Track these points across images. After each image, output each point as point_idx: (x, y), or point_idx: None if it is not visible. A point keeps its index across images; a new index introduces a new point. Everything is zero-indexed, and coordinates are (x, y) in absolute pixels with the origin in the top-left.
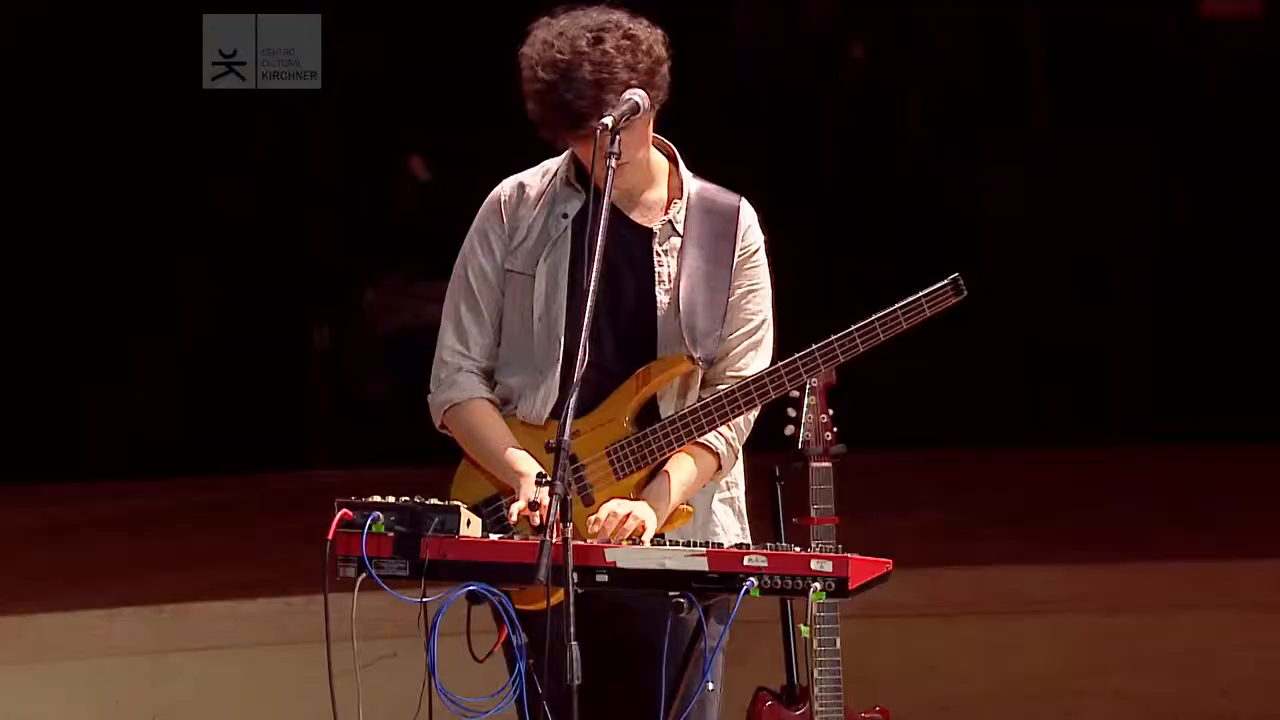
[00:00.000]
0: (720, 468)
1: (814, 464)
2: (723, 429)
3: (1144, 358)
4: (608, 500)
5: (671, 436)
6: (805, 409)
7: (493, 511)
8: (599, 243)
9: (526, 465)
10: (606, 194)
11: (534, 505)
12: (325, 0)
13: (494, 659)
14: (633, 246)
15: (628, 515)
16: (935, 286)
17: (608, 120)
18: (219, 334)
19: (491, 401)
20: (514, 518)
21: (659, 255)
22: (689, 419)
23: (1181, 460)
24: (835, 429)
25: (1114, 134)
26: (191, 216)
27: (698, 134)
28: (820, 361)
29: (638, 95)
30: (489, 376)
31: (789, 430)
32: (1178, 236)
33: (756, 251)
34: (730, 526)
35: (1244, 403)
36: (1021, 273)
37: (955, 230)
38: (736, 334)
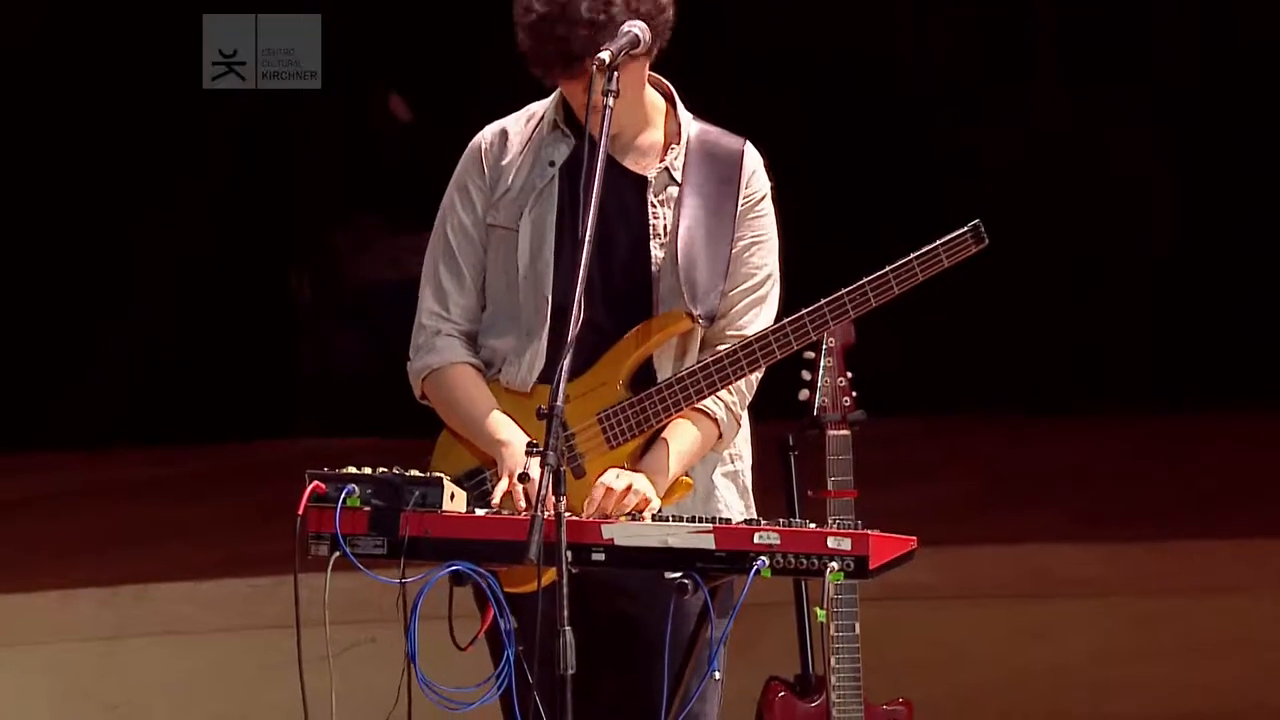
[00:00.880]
0: (720, 435)
1: (830, 432)
2: (722, 393)
3: (1178, 316)
4: (600, 472)
5: (669, 401)
6: (821, 371)
7: (475, 485)
8: (595, 191)
9: (510, 433)
10: (604, 136)
11: (523, 478)
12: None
13: (479, 646)
14: (626, 195)
15: (628, 489)
16: (954, 235)
17: (604, 55)
18: (187, 286)
19: (474, 367)
20: (498, 496)
21: (654, 205)
22: (687, 382)
23: (1234, 428)
24: (854, 393)
25: (1119, 87)
26: (155, 162)
27: (697, 90)
28: (829, 317)
29: (637, 27)
30: (472, 340)
31: (803, 395)
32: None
33: (762, 199)
34: (734, 504)
35: None
36: (1045, 225)
37: (965, 187)
38: (739, 289)
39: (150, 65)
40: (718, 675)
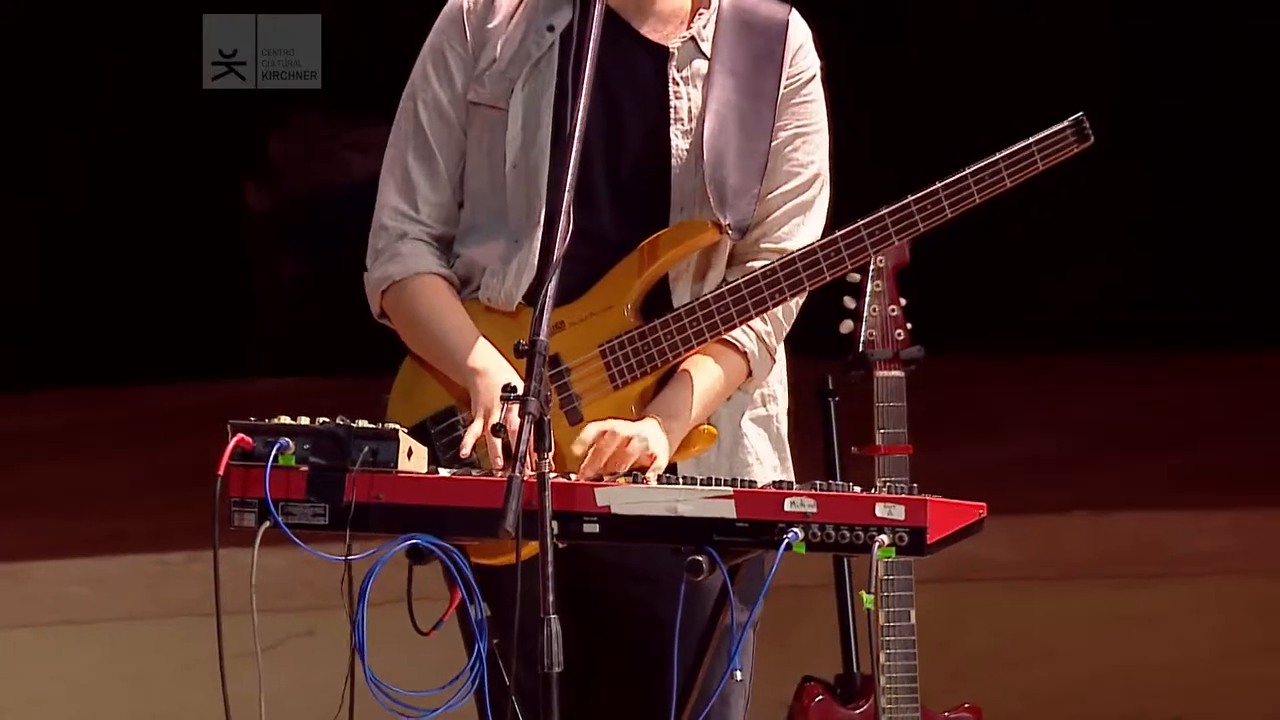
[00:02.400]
0: (751, 374)
1: (880, 373)
2: (755, 322)
3: None
4: (602, 419)
5: (689, 331)
6: (868, 298)
7: (446, 430)
8: (590, 54)
9: (488, 359)
10: None
11: (496, 430)
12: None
13: (446, 633)
14: (642, 71)
15: (629, 439)
16: (1051, 131)
17: None
18: (107, 199)
19: (447, 280)
20: (468, 446)
21: (677, 83)
22: (712, 308)
23: None
24: (908, 325)
25: None
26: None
27: None
28: (892, 230)
29: None
30: (445, 247)
31: (846, 327)
32: None
33: (810, 81)
34: (766, 456)
35: None
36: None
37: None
38: (779, 192)
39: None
40: (739, 675)
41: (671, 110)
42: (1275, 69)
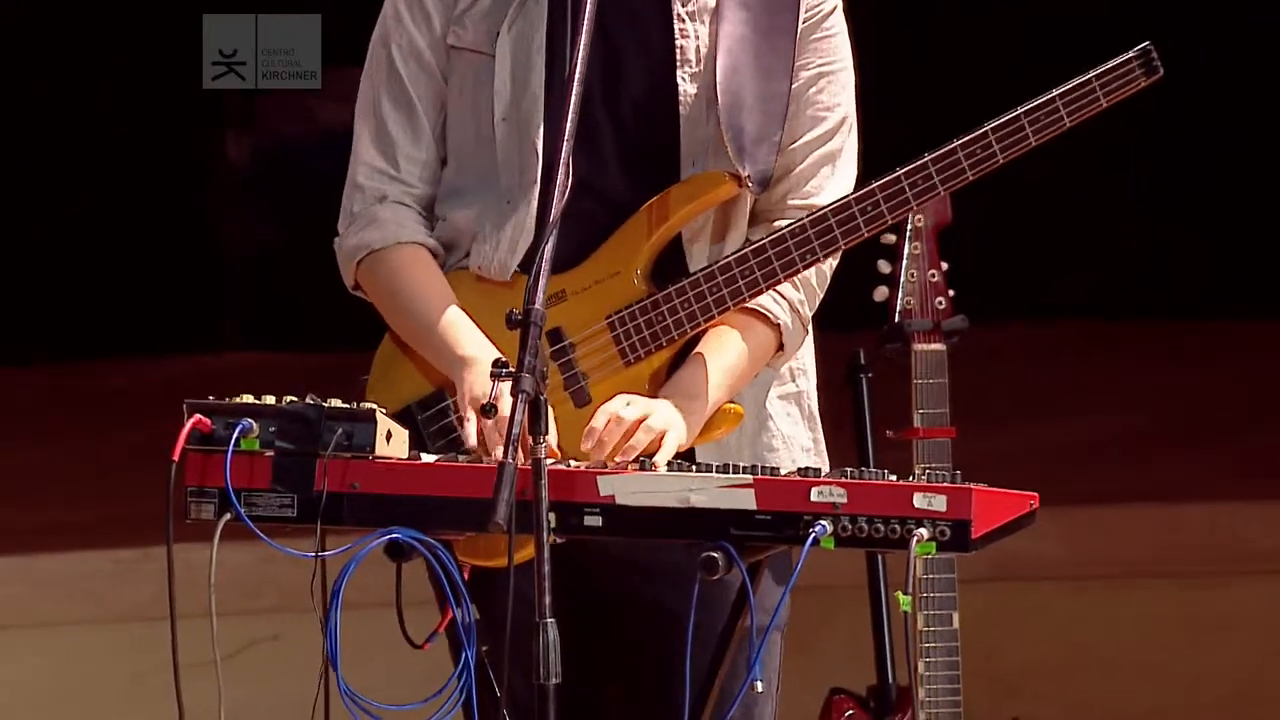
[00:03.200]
0: (782, 348)
1: (918, 345)
2: (785, 288)
3: None
4: (611, 399)
5: (709, 298)
6: (905, 261)
7: (436, 417)
8: None
9: (476, 347)
10: None
11: (487, 410)
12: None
13: (436, 640)
14: (642, 6)
15: (638, 422)
16: (1114, 62)
17: None
18: (47, 156)
19: (432, 251)
20: (470, 437)
21: (682, 20)
22: (734, 272)
23: None
24: (951, 291)
25: None
26: None
27: None
28: (937, 179)
29: None
30: (428, 211)
31: (880, 294)
32: None
33: (832, 13)
34: (796, 437)
35: None
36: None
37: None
38: (804, 140)
39: None
40: (760, 686)
41: (677, 50)
42: None
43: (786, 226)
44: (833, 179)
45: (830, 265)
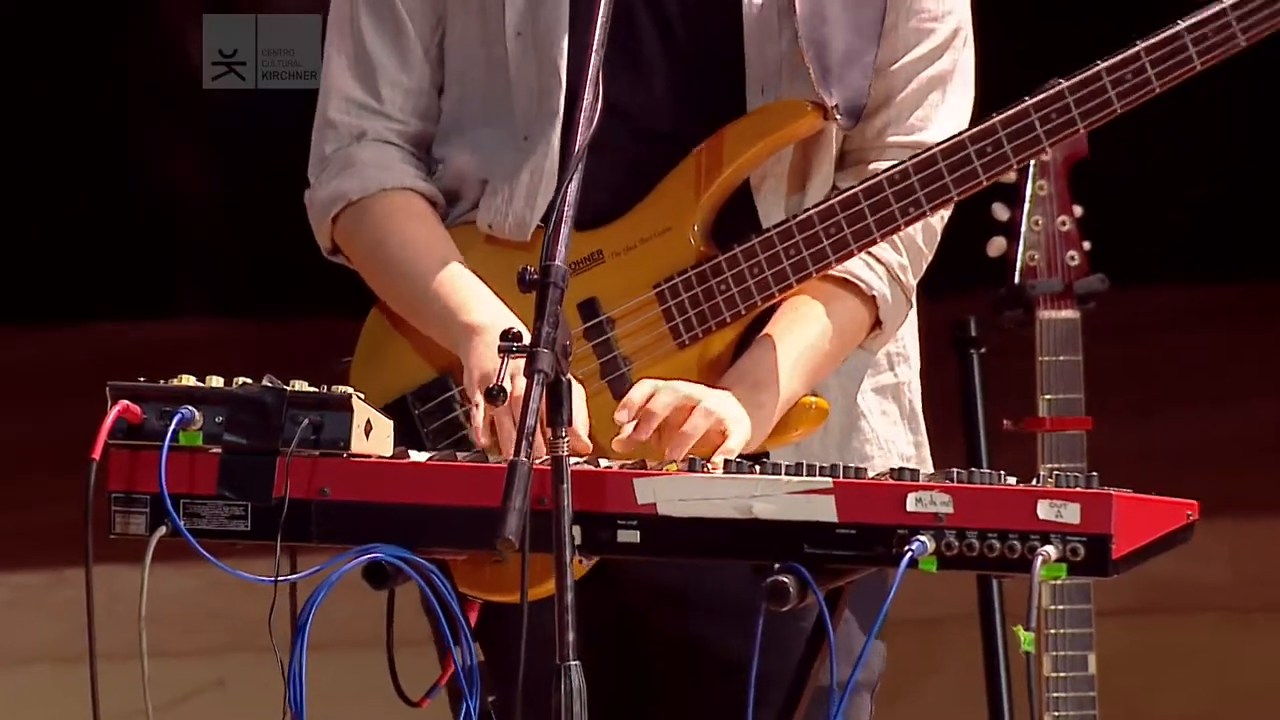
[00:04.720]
0: (879, 325)
1: (1045, 313)
2: (883, 249)
3: None
4: None
5: (785, 263)
6: (1028, 205)
7: (438, 411)
8: None
9: (485, 310)
10: None
11: (493, 394)
12: None
13: (425, 685)
14: None
15: (691, 409)
16: None
17: None
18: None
19: (427, 198)
20: (483, 432)
21: None
22: (817, 229)
23: None
24: (1086, 245)
25: None
26: None
27: None
28: (1076, 112)
29: None
30: (423, 150)
31: (996, 247)
32: None
33: None
34: (895, 440)
35: None
36: None
37: None
38: (906, 60)
39: None
40: None
41: None
42: None
43: (884, 171)
44: (942, 108)
45: (940, 220)
